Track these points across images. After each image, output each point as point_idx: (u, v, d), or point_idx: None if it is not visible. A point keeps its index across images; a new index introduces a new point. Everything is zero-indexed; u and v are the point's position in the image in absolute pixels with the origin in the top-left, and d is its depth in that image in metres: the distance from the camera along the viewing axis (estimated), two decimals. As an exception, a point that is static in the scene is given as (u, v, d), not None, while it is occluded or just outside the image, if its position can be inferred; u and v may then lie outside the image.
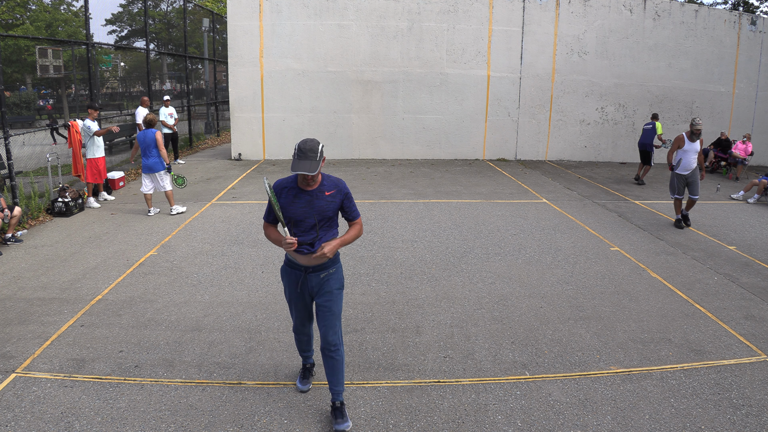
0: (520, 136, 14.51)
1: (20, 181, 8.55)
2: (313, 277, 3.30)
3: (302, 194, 3.18)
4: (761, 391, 3.89)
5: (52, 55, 11.11)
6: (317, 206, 3.19)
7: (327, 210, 3.22)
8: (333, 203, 3.23)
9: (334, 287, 3.35)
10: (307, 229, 3.21)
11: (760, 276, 6.29)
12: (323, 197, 3.21)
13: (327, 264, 3.32)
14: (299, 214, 3.18)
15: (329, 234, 3.28)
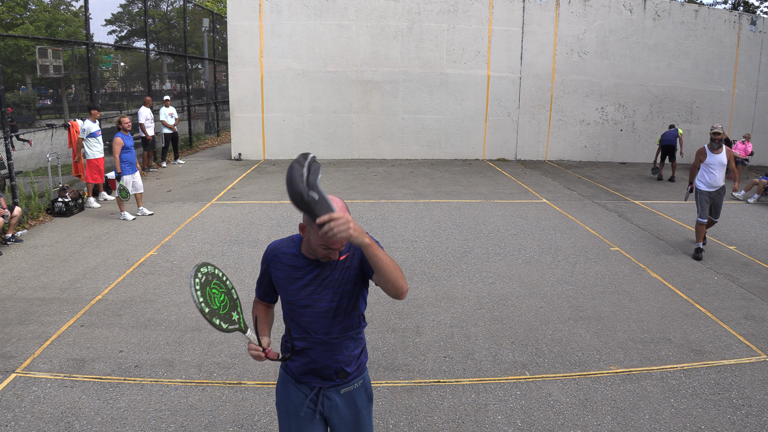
0: (520, 136, 14.51)
1: (20, 181, 8.55)
2: (332, 396, 2.15)
3: (308, 267, 2.05)
4: (761, 391, 3.89)
5: (52, 55, 11.11)
6: (330, 281, 2.04)
7: (346, 283, 2.04)
8: (350, 269, 2.05)
9: (362, 406, 2.20)
10: (315, 320, 2.07)
11: (760, 276, 6.29)
12: (337, 265, 2.04)
13: (350, 371, 2.14)
14: (302, 297, 2.06)
15: (350, 323, 2.12)
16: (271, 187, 10.59)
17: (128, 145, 8.14)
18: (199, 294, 1.89)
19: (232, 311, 2.02)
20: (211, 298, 1.94)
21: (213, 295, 1.95)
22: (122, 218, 8.13)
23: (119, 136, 8.07)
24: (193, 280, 1.89)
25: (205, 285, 1.94)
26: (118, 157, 8.08)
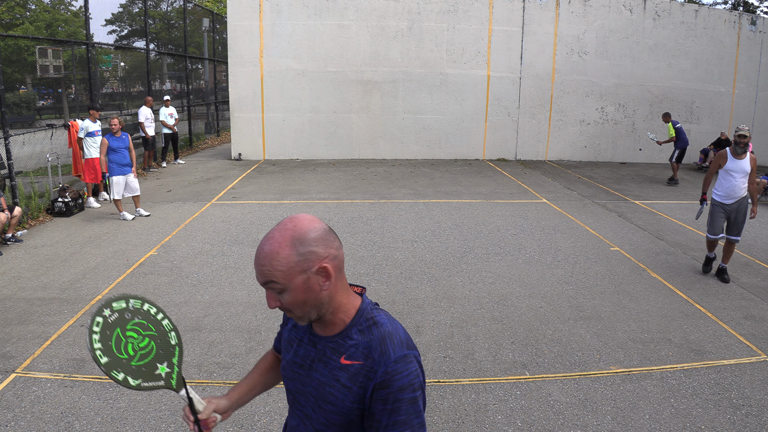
0: (520, 136, 14.50)
1: (20, 181, 8.55)
2: None
3: (308, 341, 1.45)
4: (761, 391, 3.89)
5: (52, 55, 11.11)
6: (315, 379, 1.40)
7: (328, 395, 1.37)
8: (345, 389, 1.34)
9: None
10: (301, 413, 1.46)
11: (760, 276, 6.28)
12: (334, 364, 1.37)
13: None
14: (291, 379, 1.47)
15: None
16: (271, 187, 10.59)
17: (114, 146, 8.05)
18: (96, 338, 1.44)
19: (159, 362, 1.52)
20: (121, 344, 1.47)
21: (127, 340, 1.49)
22: (122, 218, 8.13)
23: (105, 137, 8.07)
24: (94, 318, 1.45)
25: (116, 325, 1.48)
26: (104, 158, 8.07)
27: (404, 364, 1.30)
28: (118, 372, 1.46)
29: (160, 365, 1.53)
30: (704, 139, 14.93)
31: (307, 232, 1.31)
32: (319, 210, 8.81)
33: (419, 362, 1.34)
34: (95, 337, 1.44)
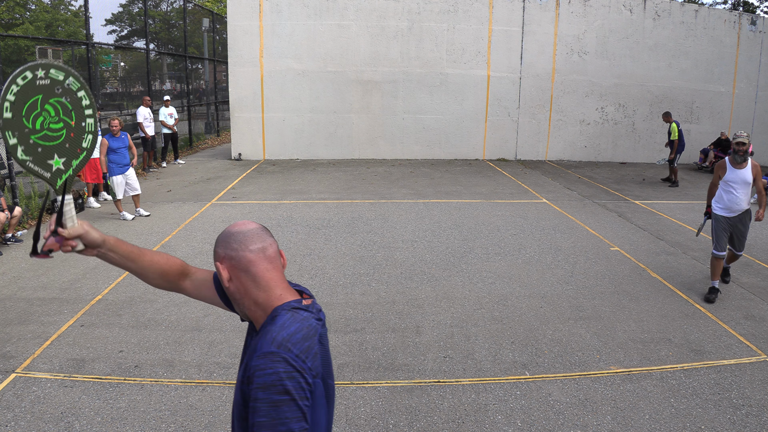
0: (520, 136, 14.50)
1: (20, 181, 8.55)
2: None
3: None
4: (761, 391, 3.89)
5: (52, 55, 11.11)
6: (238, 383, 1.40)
7: (235, 401, 1.39)
8: (237, 384, 1.38)
9: None
10: None
11: (760, 276, 6.29)
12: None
13: None
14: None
15: None
16: (271, 187, 10.59)
17: (114, 146, 8.11)
18: (14, 89, 1.28)
19: (58, 154, 1.38)
20: (34, 112, 1.31)
21: (42, 112, 1.33)
22: (122, 218, 8.13)
23: (105, 138, 8.10)
24: (23, 71, 1.28)
25: (41, 91, 1.33)
26: (104, 158, 8.12)
27: (268, 361, 1.23)
28: (12, 135, 1.29)
29: (58, 157, 1.38)
30: (704, 139, 14.93)
31: (223, 233, 1.44)
32: (319, 210, 8.81)
33: (294, 367, 1.24)
34: (14, 88, 1.27)
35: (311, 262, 6.37)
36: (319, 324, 1.40)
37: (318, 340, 1.36)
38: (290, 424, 1.19)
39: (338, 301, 5.31)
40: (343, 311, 5.10)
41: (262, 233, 1.45)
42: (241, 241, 1.41)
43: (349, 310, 5.12)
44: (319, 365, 1.32)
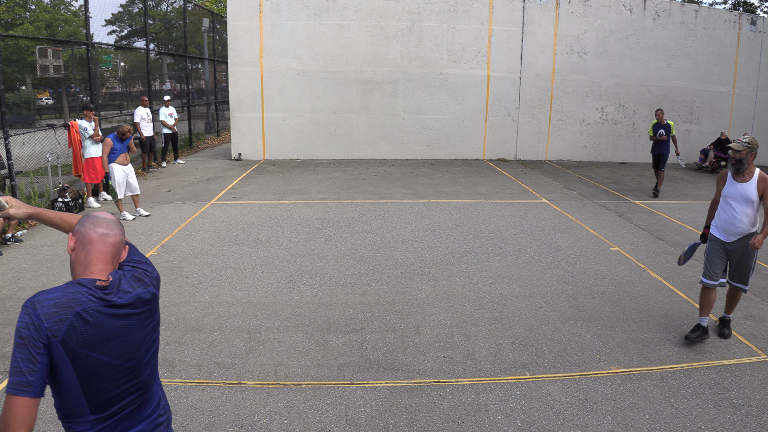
0: (520, 136, 14.51)
1: (20, 181, 8.56)
2: None
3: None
4: (761, 391, 3.89)
5: (52, 55, 11.10)
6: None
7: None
8: None
9: None
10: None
11: (760, 276, 6.28)
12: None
13: None
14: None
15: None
16: (271, 187, 10.59)
17: (116, 147, 8.14)
18: None
19: None
20: None
21: None
22: (122, 218, 8.13)
23: (110, 137, 8.10)
24: None
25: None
26: (106, 158, 8.12)
27: (21, 311, 1.60)
28: None
29: None
30: (704, 139, 14.94)
31: (86, 215, 1.82)
32: (319, 210, 8.81)
33: (32, 321, 1.57)
34: None
35: (311, 262, 6.37)
36: (91, 301, 1.65)
37: (78, 313, 1.61)
38: (19, 363, 1.55)
39: (338, 301, 5.32)
40: (343, 311, 5.10)
41: (112, 224, 1.81)
42: (93, 222, 1.78)
43: (349, 310, 5.12)
44: (63, 331, 1.58)
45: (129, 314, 1.74)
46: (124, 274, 1.79)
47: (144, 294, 1.80)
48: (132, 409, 1.79)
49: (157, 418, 1.89)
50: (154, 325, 1.86)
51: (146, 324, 1.81)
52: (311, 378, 3.98)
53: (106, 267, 1.75)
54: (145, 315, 1.80)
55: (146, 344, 1.81)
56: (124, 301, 1.72)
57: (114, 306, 1.70)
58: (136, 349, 1.77)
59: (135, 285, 1.78)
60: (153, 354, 1.88)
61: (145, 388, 1.84)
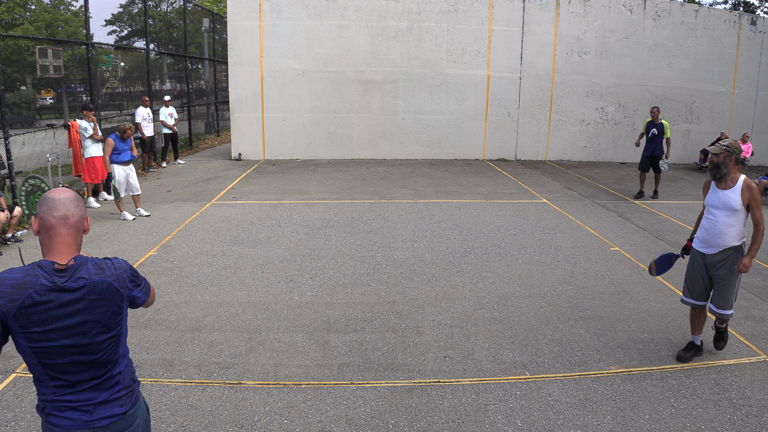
0: (520, 136, 14.50)
1: (20, 181, 8.55)
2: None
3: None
4: (761, 391, 3.89)
5: (52, 55, 11.10)
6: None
7: None
8: None
9: None
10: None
11: (760, 276, 6.28)
12: None
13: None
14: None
15: None
16: (271, 187, 10.59)
17: (119, 148, 8.11)
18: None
19: None
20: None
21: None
22: (122, 218, 8.13)
23: (111, 137, 8.08)
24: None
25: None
26: (109, 158, 8.09)
27: None
28: None
29: None
30: (704, 139, 14.94)
31: (42, 196, 1.91)
32: (319, 210, 8.81)
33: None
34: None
35: (311, 262, 6.37)
36: (44, 283, 1.80)
37: (30, 294, 1.78)
38: None
39: (338, 301, 5.32)
40: (343, 311, 5.10)
41: (69, 203, 1.89)
42: (50, 207, 1.86)
43: (349, 310, 5.12)
44: (15, 309, 1.77)
45: (79, 299, 1.85)
46: (86, 261, 1.91)
47: (100, 282, 1.90)
48: (93, 385, 1.94)
49: (119, 399, 2.01)
50: (111, 313, 1.94)
51: (99, 309, 1.90)
52: (311, 378, 3.98)
53: (68, 250, 1.89)
54: (99, 301, 1.90)
55: (99, 327, 1.91)
56: (76, 285, 1.85)
57: (65, 290, 1.83)
58: (86, 331, 1.88)
59: (93, 272, 1.89)
60: (112, 338, 1.99)
61: (102, 369, 1.96)
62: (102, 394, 1.97)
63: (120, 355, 2.07)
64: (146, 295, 2.16)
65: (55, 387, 1.90)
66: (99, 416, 1.95)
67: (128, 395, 2.06)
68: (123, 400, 2.03)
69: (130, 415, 2.04)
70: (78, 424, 1.92)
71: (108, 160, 8.11)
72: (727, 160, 4.03)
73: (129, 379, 2.10)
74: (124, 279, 1.99)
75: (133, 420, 2.05)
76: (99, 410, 1.96)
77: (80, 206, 1.93)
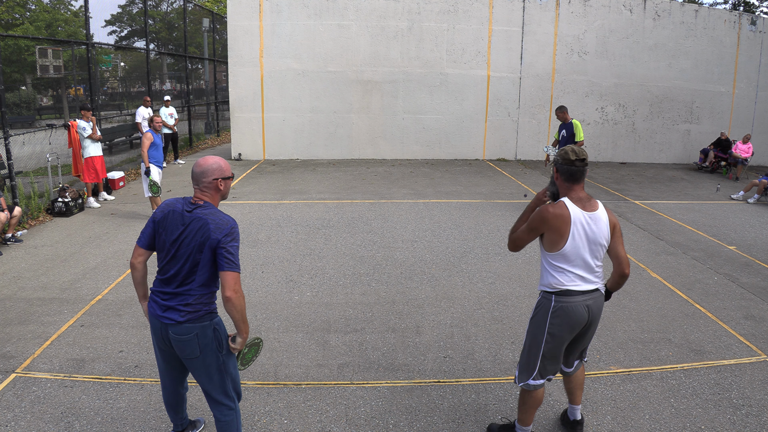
0: (520, 136, 14.50)
1: (20, 181, 8.55)
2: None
3: None
4: (761, 391, 3.89)
5: (52, 55, 11.10)
6: None
7: None
8: None
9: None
10: None
11: (760, 276, 6.29)
12: None
13: None
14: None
15: None
16: (271, 187, 10.59)
17: (157, 142, 8.13)
18: None
19: None
20: None
21: None
22: None
23: (149, 132, 8.05)
24: None
25: None
26: (146, 152, 8.00)
27: None
28: None
29: None
30: (704, 139, 14.94)
31: (202, 166, 2.75)
32: (319, 210, 8.81)
33: None
34: None
35: (311, 262, 6.37)
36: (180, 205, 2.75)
37: None
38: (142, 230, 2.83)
39: (338, 301, 5.32)
40: (343, 311, 5.10)
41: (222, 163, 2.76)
42: (223, 168, 2.75)
43: (349, 310, 5.12)
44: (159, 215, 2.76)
45: None
46: (210, 206, 2.75)
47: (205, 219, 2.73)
48: (174, 286, 2.69)
49: (183, 307, 2.67)
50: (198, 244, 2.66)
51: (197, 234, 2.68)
52: (311, 378, 3.98)
53: None
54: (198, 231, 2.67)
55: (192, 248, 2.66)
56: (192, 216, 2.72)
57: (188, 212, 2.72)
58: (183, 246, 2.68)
59: (208, 213, 2.76)
60: (198, 265, 2.65)
61: (181, 281, 2.67)
62: (174, 301, 2.69)
63: (201, 286, 2.69)
64: (232, 258, 2.61)
65: (157, 274, 2.81)
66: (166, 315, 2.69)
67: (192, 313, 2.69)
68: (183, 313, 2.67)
69: (185, 327, 2.67)
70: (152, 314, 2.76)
71: (146, 155, 7.97)
72: None
73: (198, 312, 2.69)
74: (222, 230, 2.61)
75: (186, 332, 2.67)
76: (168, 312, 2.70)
77: None
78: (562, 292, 3.01)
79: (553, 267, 3.01)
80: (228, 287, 2.54)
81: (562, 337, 3.00)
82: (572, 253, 3.00)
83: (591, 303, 3.11)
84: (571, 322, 3.00)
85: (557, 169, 2.98)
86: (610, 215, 3.07)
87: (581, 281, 3.09)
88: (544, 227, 2.93)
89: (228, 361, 2.80)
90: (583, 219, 2.94)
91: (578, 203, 2.94)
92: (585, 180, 2.97)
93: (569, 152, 2.93)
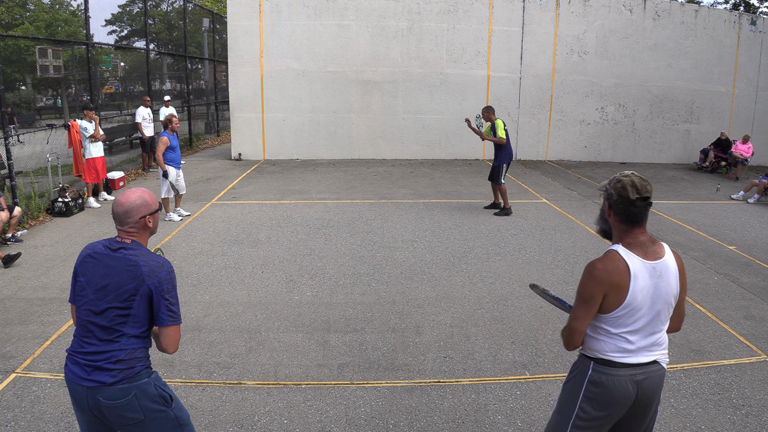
0: (520, 136, 14.50)
1: (20, 181, 8.55)
2: None
3: None
4: (761, 391, 3.89)
5: (52, 55, 11.10)
6: None
7: None
8: None
9: None
10: None
11: (760, 276, 6.29)
12: None
13: None
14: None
15: None
16: (271, 187, 10.59)
17: (174, 144, 8.07)
18: None
19: None
20: None
21: None
22: (168, 219, 8.06)
23: (165, 135, 8.02)
24: None
25: None
26: (161, 156, 7.93)
27: None
28: None
29: None
30: (704, 139, 14.94)
31: None
32: (319, 210, 8.81)
33: None
34: None
35: (311, 262, 6.37)
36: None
37: None
38: None
39: (338, 301, 5.32)
40: (343, 311, 5.10)
41: None
42: (149, 203, 2.42)
43: (349, 310, 5.12)
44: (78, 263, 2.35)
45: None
46: (141, 247, 2.37)
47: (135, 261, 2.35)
48: (100, 341, 2.23)
49: (114, 365, 2.20)
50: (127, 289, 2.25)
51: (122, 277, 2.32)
52: (311, 378, 3.98)
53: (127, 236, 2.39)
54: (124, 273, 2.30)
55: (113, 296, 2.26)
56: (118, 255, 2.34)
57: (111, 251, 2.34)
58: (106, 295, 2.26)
59: (140, 254, 2.36)
60: (129, 316, 2.24)
61: (109, 335, 2.23)
62: (94, 356, 2.24)
63: (120, 337, 2.26)
64: (174, 309, 2.29)
65: (76, 327, 2.38)
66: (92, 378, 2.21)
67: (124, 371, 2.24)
68: (115, 372, 2.22)
69: (119, 390, 2.20)
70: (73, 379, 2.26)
71: (161, 158, 7.91)
72: None
73: (122, 372, 2.24)
74: (157, 275, 2.26)
75: (122, 395, 2.21)
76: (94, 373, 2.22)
77: None
78: (604, 361, 2.28)
79: (596, 329, 2.30)
80: (171, 344, 2.25)
81: (600, 419, 2.31)
82: (627, 315, 2.22)
83: (642, 379, 2.26)
84: (611, 401, 2.26)
85: (610, 205, 2.29)
86: (678, 261, 2.30)
87: (632, 352, 2.26)
88: (601, 289, 2.19)
89: (180, 415, 2.34)
90: (645, 271, 2.21)
91: (637, 250, 2.22)
92: (643, 218, 2.29)
93: (628, 187, 2.20)
